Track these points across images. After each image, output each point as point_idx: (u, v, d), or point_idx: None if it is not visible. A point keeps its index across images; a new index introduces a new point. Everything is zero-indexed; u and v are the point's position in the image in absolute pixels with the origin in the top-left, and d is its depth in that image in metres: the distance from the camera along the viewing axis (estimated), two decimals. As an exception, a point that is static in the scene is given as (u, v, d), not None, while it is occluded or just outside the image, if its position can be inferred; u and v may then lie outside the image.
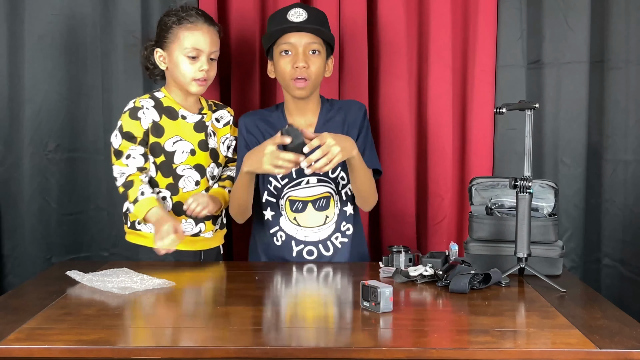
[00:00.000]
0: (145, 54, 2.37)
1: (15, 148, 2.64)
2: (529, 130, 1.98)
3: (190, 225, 2.30)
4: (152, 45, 2.33)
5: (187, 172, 2.28)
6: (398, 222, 2.65)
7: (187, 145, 2.28)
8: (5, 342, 1.52)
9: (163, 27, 2.27)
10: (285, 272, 2.19)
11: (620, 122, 2.66)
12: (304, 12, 2.23)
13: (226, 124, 2.39)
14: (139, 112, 2.25)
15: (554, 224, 2.12)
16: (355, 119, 2.33)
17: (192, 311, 1.84)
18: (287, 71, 2.24)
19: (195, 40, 2.23)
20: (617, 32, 2.63)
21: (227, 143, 2.39)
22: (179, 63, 2.24)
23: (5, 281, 2.68)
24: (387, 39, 2.64)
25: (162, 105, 2.29)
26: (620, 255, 2.68)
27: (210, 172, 2.33)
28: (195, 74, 2.24)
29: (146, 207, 2.18)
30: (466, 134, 2.70)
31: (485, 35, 2.62)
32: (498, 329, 1.62)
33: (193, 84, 2.25)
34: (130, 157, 2.23)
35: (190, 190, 2.29)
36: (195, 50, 2.23)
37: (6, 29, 2.61)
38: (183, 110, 2.30)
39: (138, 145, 2.24)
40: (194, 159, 2.29)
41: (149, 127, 2.25)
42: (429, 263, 2.04)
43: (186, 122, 2.30)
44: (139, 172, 2.24)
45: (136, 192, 2.21)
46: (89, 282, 1.95)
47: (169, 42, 2.25)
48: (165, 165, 2.27)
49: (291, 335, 1.63)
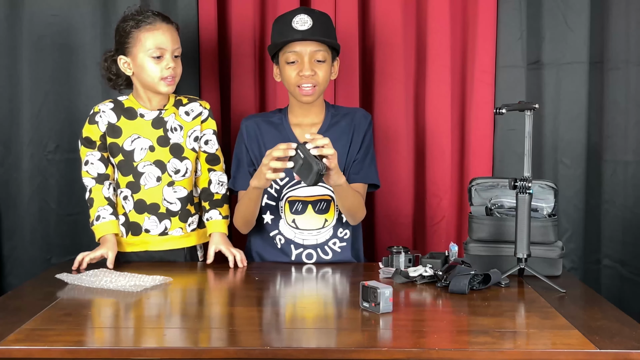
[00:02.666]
0: (105, 65, 2.35)
1: (14, 149, 2.64)
2: (529, 130, 1.98)
3: (154, 222, 2.30)
4: (112, 54, 2.32)
5: (148, 169, 2.28)
6: (393, 223, 2.65)
7: (146, 142, 2.29)
8: (5, 342, 1.52)
9: (122, 34, 2.26)
10: (284, 273, 2.19)
11: (620, 122, 2.66)
12: (308, 18, 2.21)
13: (196, 116, 2.34)
14: (96, 116, 2.30)
15: (553, 224, 2.12)
16: (360, 125, 2.33)
17: (191, 312, 1.84)
18: (293, 78, 2.24)
19: (157, 39, 2.22)
20: (617, 33, 2.63)
21: (194, 135, 2.33)
22: (144, 65, 2.23)
23: (4, 282, 2.68)
24: (383, 40, 2.63)
25: (122, 107, 2.31)
26: (620, 256, 2.68)
27: (172, 167, 2.30)
28: (162, 72, 2.23)
29: (100, 233, 2.28)
30: (466, 134, 2.70)
31: (485, 35, 2.62)
32: (498, 330, 1.62)
33: (161, 84, 2.24)
34: (88, 163, 2.31)
35: (152, 187, 2.29)
36: (158, 49, 2.21)
37: (6, 29, 2.60)
38: (142, 109, 2.31)
39: (96, 150, 2.30)
40: (153, 155, 2.29)
41: (105, 129, 2.29)
42: (428, 264, 2.04)
43: (144, 120, 2.30)
44: (98, 184, 2.31)
45: (93, 214, 2.29)
46: (79, 281, 1.97)
47: (130, 46, 2.24)
48: (125, 163, 2.29)
49: (291, 335, 1.63)
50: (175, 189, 2.30)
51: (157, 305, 1.86)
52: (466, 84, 2.69)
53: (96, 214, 2.28)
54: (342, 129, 2.32)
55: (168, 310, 1.85)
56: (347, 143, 2.32)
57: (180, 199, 2.31)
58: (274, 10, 2.63)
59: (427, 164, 2.69)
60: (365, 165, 2.32)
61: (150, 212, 2.29)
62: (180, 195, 2.31)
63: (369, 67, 2.68)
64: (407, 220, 2.68)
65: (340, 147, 2.28)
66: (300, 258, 2.31)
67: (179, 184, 2.31)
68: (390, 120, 2.64)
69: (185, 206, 2.32)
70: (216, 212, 2.33)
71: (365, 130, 2.34)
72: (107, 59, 2.34)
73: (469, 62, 2.67)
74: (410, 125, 2.69)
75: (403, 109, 2.65)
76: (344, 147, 2.30)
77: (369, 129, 2.36)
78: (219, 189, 2.35)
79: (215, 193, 2.35)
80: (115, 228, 2.28)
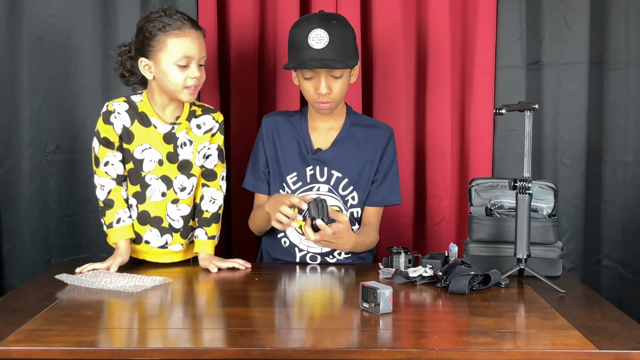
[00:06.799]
0: (120, 60, 2.23)
1: (14, 149, 2.64)
2: (529, 131, 1.98)
3: (156, 235, 2.24)
4: (127, 50, 2.21)
5: (154, 182, 2.21)
6: (393, 223, 2.65)
7: (156, 154, 2.20)
8: (5, 343, 1.52)
9: (147, 35, 2.12)
10: (284, 273, 2.19)
11: (619, 123, 2.66)
12: (325, 34, 2.14)
13: (207, 131, 2.24)
14: (111, 116, 2.18)
15: (553, 225, 2.12)
16: (378, 141, 2.30)
17: (191, 312, 1.84)
18: (311, 94, 2.22)
19: (185, 47, 2.11)
20: (617, 33, 2.63)
21: (203, 152, 2.25)
22: (167, 72, 2.12)
23: (4, 282, 2.67)
24: (383, 40, 2.64)
25: (136, 110, 2.20)
26: (620, 257, 2.68)
27: (179, 184, 2.22)
28: (186, 81, 2.12)
29: (119, 237, 2.20)
30: (466, 135, 2.70)
31: (485, 36, 2.62)
32: (498, 330, 1.62)
33: (184, 92, 2.14)
34: (108, 164, 2.19)
35: (156, 201, 2.21)
36: (185, 58, 2.11)
37: (6, 30, 2.60)
38: (155, 118, 2.19)
39: (116, 150, 2.20)
40: (161, 170, 2.20)
41: (121, 132, 2.19)
42: (428, 264, 2.04)
43: (156, 132, 2.20)
44: (119, 185, 2.21)
45: (113, 216, 2.20)
46: (79, 282, 1.97)
47: (154, 50, 2.12)
48: (134, 172, 2.21)
49: (291, 336, 1.63)
50: (179, 206, 2.24)
51: (156, 305, 1.86)
52: (466, 84, 2.69)
53: (116, 217, 2.20)
54: (357, 141, 2.30)
55: (168, 310, 1.85)
56: (362, 157, 2.30)
57: (183, 217, 2.25)
58: (274, 12, 2.64)
59: (427, 165, 2.70)
60: (385, 186, 2.31)
61: (152, 225, 2.23)
62: (183, 213, 2.25)
63: (369, 68, 2.68)
64: (407, 220, 2.68)
65: (353, 158, 2.29)
66: (304, 259, 2.31)
67: (183, 202, 2.24)
68: (390, 121, 2.63)
69: (187, 223, 2.27)
70: (202, 231, 2.25)
71: (384, 146, 2.31)
72: (121, 54, 2.23)
73: (468, 63, 2.67)
74: (411, 125, 2.69)
75: (403, 109, 2.65)
76: (357, 160, 2.29)
77: (389, 144, 2.32)
78: (209, 207, 2.26)
79: (205, 211, 2.26)
80: (132, 232, 2.22)
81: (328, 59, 2.15)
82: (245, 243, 2.66)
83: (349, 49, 2.21)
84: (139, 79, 2.24)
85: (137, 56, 2.17)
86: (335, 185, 2.28)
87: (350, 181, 2.28)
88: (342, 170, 2.28)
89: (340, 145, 2.30)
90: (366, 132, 2.32)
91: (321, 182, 2.28)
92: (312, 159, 2.29)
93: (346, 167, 2.28)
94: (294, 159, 2.30)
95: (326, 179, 2.28)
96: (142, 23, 2.16)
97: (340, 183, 2.28)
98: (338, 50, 2.17)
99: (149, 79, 2.18)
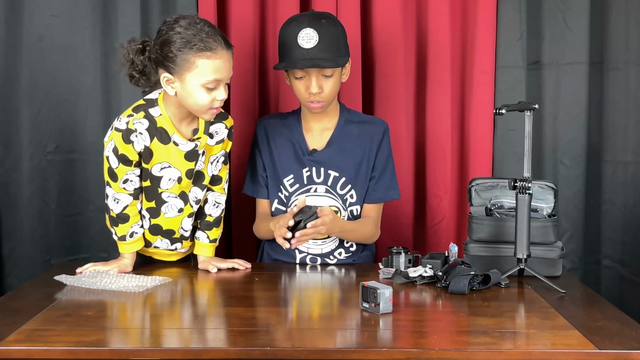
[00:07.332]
0: (130, 58, 2.06)
1: (14, 149, 2.64)
2: (529, 131, 1.98)
3: (166, 244, 2.23)
4: (140, 49, 2.04)
5: (172, 200, 2.15)
6: (393, 223, 2.65)
7: (175, 172, 2.11)
8: (5, 343, 1.52)
9: (173, 50, 1.96)
10: (284, 273, 2.19)
11: (619, 123, 2.66)
12: (314, 34, 2.14)
13: (220, 141, 2.18)
14: (132, 135, 2.05)
15: (553, 225, 2.12)
16: (373, 137, 2.31)
17: (191, 312, 1.84)
18: (302, 94, 2.22)
19: (217, 70, 1.97)
20: (617, 33, 2.63)
21: (214, 162, 2.21)
22: (194, 93, 1.98)
23: (4, 282, 2.67)
24: (383, 40, 2.63)
25: (155, 126, 2.07)
26: (620, 257, 2.68)
27: (194, 197, 2.18)
28: (213, 103, 2.00)
29: (129, 250, 2.16)
30: (466, 135, 2.70)
31: (485, 36, 2.62)
32: (498, 330, 1.62)
33: (208, 113, 2.03)
34: (128, 181, 2.10)
35: (172, 217, 2.17)
36: (216, 81, 1.98)
37: (5, 30, 2.60)
38: (177, 135, 2.08)
39: (134, 167, 2.09)
40: (179, 187, 2.15)
41: (141, 151, 2.08)
42: (428, 264, 2.04)
43: (178, 149, 2.10)
44: (135, 200, 2.13)
45: (127, 230, 2.14)
46: (79, 282, 1.97)
47: (182, 69, 1.96)
48: (151, 190, 2.14)
49: (291, 336, 1.63)
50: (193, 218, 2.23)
51: (156, 305, 1.86)
52: (466, 84, 2.69)
53: (130, 230, 2.14)
54: (352, 138, 2.31)
55: (168, 310, 1.85)
56: (358, 154, 2.30)
57: (193, 225, 2.26)
58: (274, 11, 2.63)
59: (427, 164, 2.70)
60: (383, 182, 2.31)
61: (164, 236, 2.21)
62: (192, 221, 2.24)
63: (369, 68, 2.68)
64: (407, 220, 2.68)
65: (349, 157, 2.29)
66: (304, 261, 2.31)
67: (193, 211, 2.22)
68: (390, 121, 2.63)
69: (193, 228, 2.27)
70: (204, 235, 2.23)
71: (379, 141, 2.31)
72: (132, 52, 2.05)
73: (468, 63, 2.67)
74: (411, 125, 2.69)
75: (403, 109, 2.65)
76: (353, 158, 2.30)
77: (383, 139, 2.32)
78: (212, 211, 2.24)
79: (209, 215, 2.24)
80: (142, 243, 2.20)
81: (318, 58, 2.15)
82: (246, 243, 2.66)
83: (339, 48, 2.21)
84: (151, 83, 2.09)
85: (157, 66, 2.03)
86: (332, 185, 2.28)
87: (347, 180, 2.28)
88: (339, 170, 2.28)
89: (336, 145, 2.30)
90: (360, 129, 2.32)
91: (318, 183, 2.28)
92: (308, 160, 2.29)
93: (343, 166, 2.29)
94: (290, 161, 2.30)
95: (323, 180, 2.28)
96: (167, 33, 1.98)
97: (338, 182, 2.28)
98: (328, 49, 2.17)
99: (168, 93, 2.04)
